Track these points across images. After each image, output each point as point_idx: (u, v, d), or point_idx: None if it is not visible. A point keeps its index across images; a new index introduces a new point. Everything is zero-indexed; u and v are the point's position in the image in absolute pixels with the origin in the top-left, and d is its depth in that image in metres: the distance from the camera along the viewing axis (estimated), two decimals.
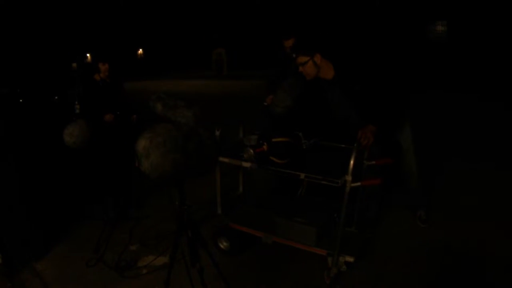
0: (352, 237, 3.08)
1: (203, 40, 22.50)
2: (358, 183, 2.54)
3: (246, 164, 2.96)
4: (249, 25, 21.24)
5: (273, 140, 2.77)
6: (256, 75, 5.12)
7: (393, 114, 3.03)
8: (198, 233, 2.43)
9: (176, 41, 24.55)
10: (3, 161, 3.26)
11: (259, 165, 2.88)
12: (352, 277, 3.04)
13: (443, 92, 10.76)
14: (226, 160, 3.14)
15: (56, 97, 7.97)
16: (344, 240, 2.83)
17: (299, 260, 3.28)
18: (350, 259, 2.81)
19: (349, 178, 2.52)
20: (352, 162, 2.49)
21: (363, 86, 2.95)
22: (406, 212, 3.97)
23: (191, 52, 23.92)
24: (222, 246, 3.47)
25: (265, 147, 2.76)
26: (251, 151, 2.71)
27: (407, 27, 14.47)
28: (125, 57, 21.44)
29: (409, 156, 3.45)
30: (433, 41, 14.93)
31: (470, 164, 5.47)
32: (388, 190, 3.80)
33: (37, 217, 3.62)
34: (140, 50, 25.38)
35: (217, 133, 3.27)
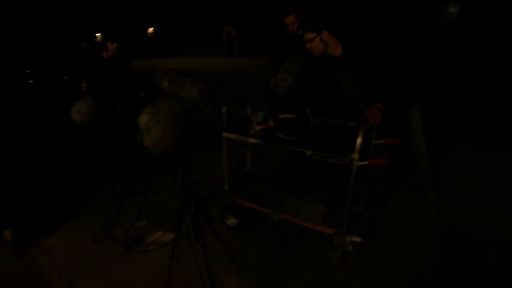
0: (359, 216, 3.05)
1: (213, 18, 22.24)
2: (365, 162, 2.49)
3: (252, 140, 2.93)
4: (259, 2, 20.92)
5: (280, 116, 2.73)
6: (266, 53, 5.05)
7: (401, 93, 2.95)
8: (202, 208, 2.42)
9: (187, 19, 24.32)
10: (8, 142, 3.26)
11: (265, 142, 2.84)
12: (358, 258, 3.03)
13: (454, 76, 10.45)
14: (232, 136, 3.11)
15: (66, 77, 7.98)
16: (352, 219, 2.81)
17: (306, 238, 3.28)
18: (356, 239, 2.79)
19: (356, 156, 2.47)
20: (359, 140, 2.44)
21: (372, 63, 2.87)
22: (414, 193, 3.92)
23: (202, 30, 23.70)
24: (229, 223, 3.47)
25: (271, 123, 2.72)
26: (257, 127, 2.68)
27: (418, 7, 14.04)
28: (135, 35, 21.33)
29: (417, 135, 3.39)
30: (445, 23, 14.44)
31: (478, 147, 5.33)
32: (397, 170, 3.75)
33: (46, 194, 3.66)
34: (151, 28, 25.22)
35: (224, 109, 3.23)
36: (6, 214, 3.32)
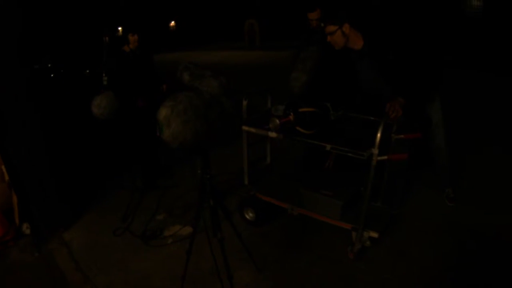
0: (377, 212, 3.03)
1: (235, 11, 22.16)
2: (385, 157, 2.46)
3: (272, 134, 2.91)
4: None
5: (300, 110, 2.70)
6: (289, 46, 4.99)
7: (424, 86, 2.89)
8: (221, 202, 2.43)
9: (209, 13, 24.32)
10: (32, 135, 3.32)
11: (285, 135, 2.83)
12: (375, 253, 3.00)
13: (476, 72, 10.12)
14: (252, 130, 3.10)
15: (88, 71, 8.07)
16: (370, 215, 2.78)
17: (324, 232, 3.27)
18: (374, 234, 2.77)
19: (375, 151, 2.44)
20: (379, 135, 2.41)
21: (396, 56, 2.83)
22: (433, 189, 3.85)
23: (224, 24, 23.67)
24: (247, 217, 3.48)
25: (291, 117, 2.70)
26: (277, 121, 2.66)
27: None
28: (157, 28, 21.44)
29: (438, 131, 3.33)
30: (468, 16, 13.98)
31: (501, 146, 5.15)
32: (417, 166, 3.69)
33: (65, 187, 3.70)
34: (173, 22, 25.29)
35: (244, 102, 3.23)
36: (26, 207, 3.38)
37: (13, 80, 3.13)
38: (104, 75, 3.45)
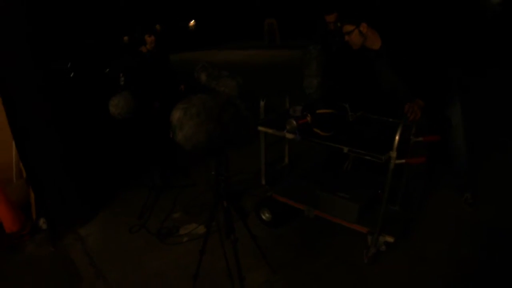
0: (395, 216, 2.98)
1: (255, 9, 22.13)
2: (403, 160, 2.40)
3: (290, 136, 2.89)
4: None
5: (318, 111, 2.67)
6: (309, 45, 4.90)
7: (442, 87, 2.83)
8: (235, 204, 2.42)
9: (229, 11, 24.34)
10: (48, 130, 3.36)
11: (302, 137, 2.80)
12: (391, 257, 2.95)
13: (498, 70, 9.78)
14: (270, 131, 3.08)
15: (107, 70, 8.14)
16: (386, 218, 2.74)
17: (340, 235, 3.22)
18: (390, 239, 2.72)
19: (393, 154, 2.39)
20: (397, 137, 2.36)
21: (412, 57, 2.77)
22: (453, 193, 3.74)
23: (244, 22, 23.64)
24: (264, 217, 3.47)
25: (308, 118, 2.67)
26: (294, 122, 2.63)
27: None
28: (177, 28, 21.58)
29: (458, 133, 3.25)
30: (487, 13, 13.49)
31: None
32: (436, 168, 3.61)
33: (84, 184, 3.75)
34: (192, 21, 25.39)
35: (262, 103, 3.21)
36: (43, 203, 3.43)
37: (28, 81, 3.18)
38: (121, 75, 3.48)
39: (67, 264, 3.18)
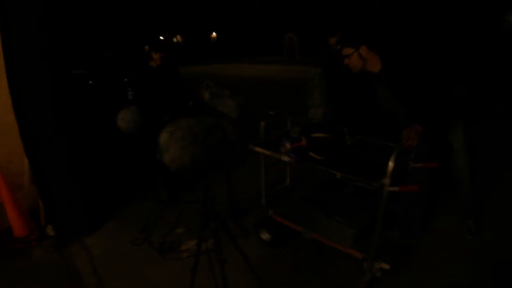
0: (392, 242, 2.93)
1: (275, 24, 22.35)
2: (396, 188, 2.37)
3: (285, 158, 2.89)
4: (320, 10, 20.69)
5: (313, 135, 2.68)
6: (311, 69, 4.87)
7: (443, 112, 2.79)
8: (225, 225, 2.45)
9: (249, 26, 24.64)
10: (58, 141, 3.47)
11: (297, 160, 2.81)
12: (388, 285, 2.90)
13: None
14: (267, 152, 3.09)
15: (126, 79, 8.30)
16: (384, 244, 2.71)
17: (338, 259, 3.19)
18: (385, 266, 2.67)
19: (387, 181, 2.35)
20: (390, 163, 2.32)
21: (412, 81, 2.73)
22: (454, 219, 3.66)
23: (264, 37, 23.89)
24: (263, 237, 3.48)
25: (303, 142, 2.69)
26: (287, 145, 2.65)
27: (476, 16, 12.72)
28: (198, 40, 21.94)
29: (459, 158, 3.17)
30: (507, 34, 12.90)
31: None
32: (437, 193, 3.56)
33: (91, 195, 3.84)
34: (214, 33, 25.80)
35: (262, 124, 3.24)
36: (51, 210, 3.53)
37: (41, 92, 3.30)
38: (129, 90, 3.57)
39: (71, 271, 3.27)
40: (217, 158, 1.87)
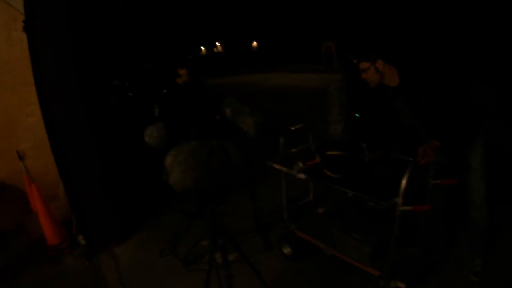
0: (412, 259, 2.88)
1: (314, 32, 22.29)
2: (408, 207, 2.31)
3: (300, 176, 2.91)
4: (359, 17, 20.39)
5: (327, 153, 2.69)
6: (330, 84, 4.71)
7: (463, 127, 2.67)
8: (234, 241, 2.50)
9: (289, 34, 24.70)
10: (89, 155, 3.66)
11: (311, 178, 2.82)
12: None
13: None
14: (284, 169, 3.11)
15: (165, 91, 8.46)
16: (403, 261, 2.68)
17: (358, 275, 3.13)
18: (401, 285, 2.61)
19: (399, 200, 2.31)
20: (404, 181, 2.29)
21: (430, 96, 2.65)
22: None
23: (303, 45, 23.87)
24: (285, 251, 3.52)
25: (317, 159, 2.70)
26: (300, 164, 2.67)
27: (499, 24, 11.72)
28: (239, 49, 22.22)
29: (476, 179, 2.84)
30: None
31: None
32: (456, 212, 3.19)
33: (120, 205, 4.03)
34: (255, 42, 26.04)
35: (282, 140, 3.27)
36: (82, 221, 3.72)
37: (73, 110, 3.49)
38: (155, 106, 3.69)
39: (99, 279, 3.46)
40: (219, 180, 1.93)
